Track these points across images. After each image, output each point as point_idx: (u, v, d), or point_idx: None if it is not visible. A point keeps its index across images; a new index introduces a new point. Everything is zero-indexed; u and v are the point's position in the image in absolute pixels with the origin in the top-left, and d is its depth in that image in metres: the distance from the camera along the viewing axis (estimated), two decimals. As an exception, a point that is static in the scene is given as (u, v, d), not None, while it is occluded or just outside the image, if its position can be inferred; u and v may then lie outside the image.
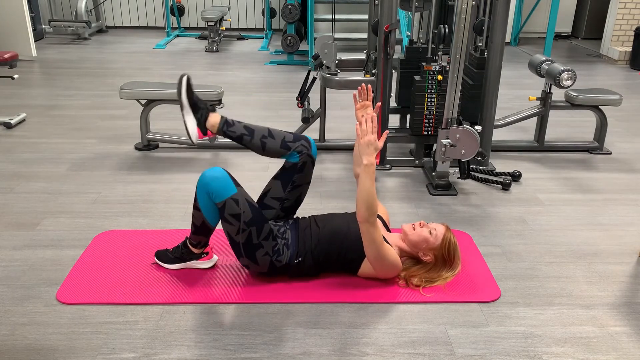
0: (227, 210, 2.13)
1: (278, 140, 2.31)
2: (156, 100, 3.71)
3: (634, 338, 2.04)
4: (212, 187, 2.12)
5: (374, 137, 2.10)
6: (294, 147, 2.31)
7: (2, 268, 2.38)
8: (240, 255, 2.23)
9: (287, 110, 4.75)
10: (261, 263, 2.23)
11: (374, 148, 2.10)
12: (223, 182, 2.12)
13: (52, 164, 3.49)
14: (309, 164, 2.35)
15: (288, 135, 2.34)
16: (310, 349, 1.95)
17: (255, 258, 2.21)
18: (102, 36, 7.97)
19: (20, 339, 1.96)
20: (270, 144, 2.31)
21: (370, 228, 2.12)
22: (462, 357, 1.93)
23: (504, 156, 3.81)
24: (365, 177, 2.08)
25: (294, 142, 2.32)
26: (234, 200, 2.12)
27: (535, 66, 3.89)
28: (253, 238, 2.17)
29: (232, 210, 2.12)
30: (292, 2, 6.41)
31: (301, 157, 2.32)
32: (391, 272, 2.27)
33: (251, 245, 2.18)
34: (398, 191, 3.25)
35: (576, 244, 2.70)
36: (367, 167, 2.08)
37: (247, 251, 2.20)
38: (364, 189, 2.08)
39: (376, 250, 2.17)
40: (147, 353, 1.91)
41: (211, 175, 2.12)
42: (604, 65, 6.89)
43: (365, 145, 2.10)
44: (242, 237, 2.17)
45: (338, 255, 2.27)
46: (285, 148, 2.31)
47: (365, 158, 2.09)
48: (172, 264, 2.39)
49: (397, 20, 3.26)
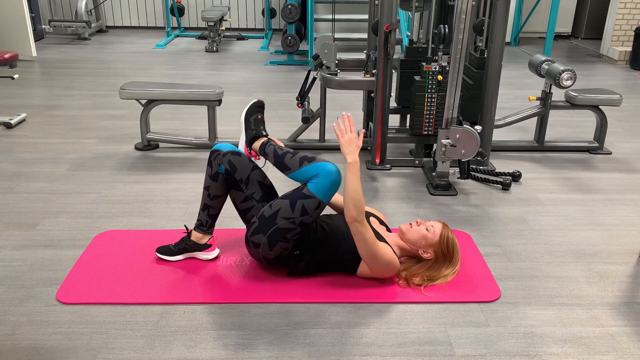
0: (305, 204, 2.16)
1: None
2: (156, 100, 3.71)
3: (634, 338, 2.04)
4: (322, 182, 2.15)
5: (354, 134, 2.13)
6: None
7: (2, 268, 2.38)
8: (259, 232, 2.22)
9: (287, 110, 4.75)
10: (274, 250, 2.24)
11: (356, 145, 2.14)
12: (333, 190, 2.18)
13: (52, 164, 3.49)
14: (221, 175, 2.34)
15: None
16: (310, 349, 1.95)
17: (275, 245, 2.22)
18: (102, 36, 7.97)
19: (20, 339, 1.96)
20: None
21: (360, 227, 2.12)
22: (462, 357, 1.93)
23: (504, 156, 3.81)
24: (350, 175, 2.10)
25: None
26: (317, 203, 2.17)
27: (535, 66, 3.89)
28: (289, 234, 2.20)
29: (310, 205, 2.16)
30: (292, 2, 6.41)
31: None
32: (387, 271, 2.27)
33: (281, 236, 2.20)
34: (398, 191, 3.25)
35: (576, 244, 2.70)
36: (351, 165, 2.11)
37: (273, 236, 2.21)
38: (351, 187, 2.09)
39: (368, 249, 2.17)
40: (147, 353, 1.91)
41: (335, 180, 2.16)
42: (604, 65, 6.89)
43: (347, 144, 2.13)
44: (285, 224, 2.18)
45: (336, 256, 2.28)
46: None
47: (349, 156, 2.12)
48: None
49: (397, 20, 3.26)
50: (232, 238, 2.64)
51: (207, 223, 2.40)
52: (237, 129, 3.90)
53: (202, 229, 2.41)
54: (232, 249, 2.55)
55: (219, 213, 2.41)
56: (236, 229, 2.71)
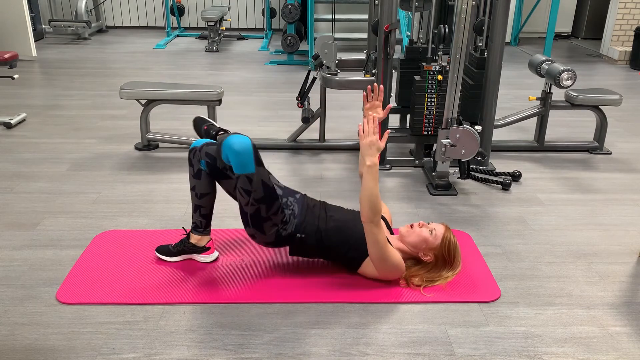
0: (239, 183, 2.16)
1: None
2: (156, 100, 3.71)
3: (634, 338, 2.04)
4: (233, 161, 2.13)
5: (376, 137, 2.12)
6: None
7: (2, 268, 2.38)
8: (247, 225, 2.25)
9: (287, 110, 4.75)
10: (268, 233, 2.24)
11: (377, 148, 2.12)
12: (245, 158, 2.13)
13: (52, 164, 3.49)
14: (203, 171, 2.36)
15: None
16: (310, 349, 1.95)
17: (263, 229, 2.23)
18: (102, 36, 7.97)
19: (20, 339, 1.96)
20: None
21: (374, 228, 2.12)
22: (462, 357, 1.93)
23: (504, 156, 3.81)
24: (368, 177, 2.09)
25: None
26: (248, 178, 2.14)
27: (535, 66, 3.89)
28: (262, 212, 2.19)
29: (245, 185, 2.15)
30: (292, 2, 6.41)
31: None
32: (393, 274, 2.27)
33: (259, 218, 2.21)
34: (398, 191, 3.25)
35: (576, 244, 2.70)
36: (370, 167, 2.09)
37: (255, 222, 2.22)
38: (368, 189, 2.09)
39: (379, 250, 2.17)
40: (147, 353, 1.91)
41: (236, 150, 2.12)
42: (604, 65, 6.89)
43: (367, 146, 2.12)
44: (251, 209, 2.19)
45: (341, 249, 2.28)
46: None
47: (368, 159, 2.10)
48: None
49: (397, 20, 3.26)
50: (231, 238, 2.64)
51: (202, 224, 2.40)
52: (237, 129, 3.89)
53: (198, 230, 2.40)
54: (231, 249, 2.55)
55: (211, 212, 2.41)
56: (236, 229, 2.71)
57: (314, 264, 2.43)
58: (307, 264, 2.43)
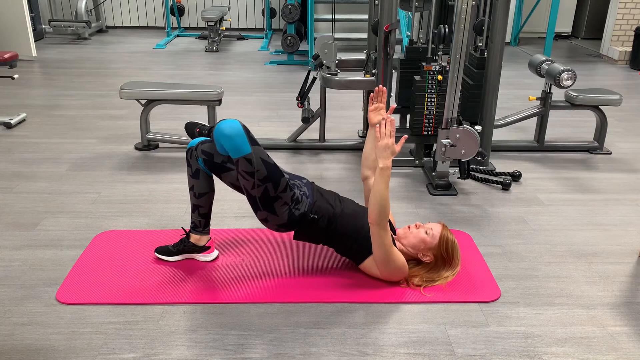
0: (240, 167, 2.15)
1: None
2: (156, 100, 3.71)
3: (634, 338, 2.04)
4: (227, 146, 2.13)
5: (392, 140, 2.11)
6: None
7: (2, 268, 2.38)
8: (258, 209, 2.23)
9: (287, 110, 4.75)
10: (280, 214, 2.22)
11: (391, 152, 2.11)
12: (238, 140, 2.12)
13: (52, 164, 3.49)
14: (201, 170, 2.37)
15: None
16: (310, 349, 1.95)
17: (274, 209, 2.21)
18: (102, 36, 7.97)
19: (20, 339, 1.96)
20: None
21: (380, 231, 2.13)
22: (462, 357, 1.93)
23: (504, 156, 3.81)
24: (380, 180, 2.09)
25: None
26: (247, 160, 2.13)
27: (535, 66, 3.89)
28: (270, 192, 2.17)
29: (246, 167, 2.14)
30: (292, 2, 6.41)
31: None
32: (396, 276, 2.27)
33: (268, 198, 2.19)
34: (398, 191, 3.25)
35: (576, 244, 2.70)
36: (382, 170, 2.09)
37: (265, 204, 2.20)
38: (378, 192, 2.08)
39: (384, 253, 2.17)
40: (147, 353, 1.91)
41: (227, 134, 2.12)
42: (604, 65, 6.89)
43: (382, 149, 2.11)
44: (258, 191, 2.18)
45: (349, 238, 2.27)
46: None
47: (381, 161, 2.10)
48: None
49: (397, 20, 3.26)
50: (231, 238, 2.64)
51: (201, 223, 2.40)
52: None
53: (197, 230, 2.40)
54: (231, 249, 2.55)
55: (210, 211, 2.40)
56: (236, 229, 2.71)
57: (314, 264, 2.43)
58: (307, 263, 2.44)
